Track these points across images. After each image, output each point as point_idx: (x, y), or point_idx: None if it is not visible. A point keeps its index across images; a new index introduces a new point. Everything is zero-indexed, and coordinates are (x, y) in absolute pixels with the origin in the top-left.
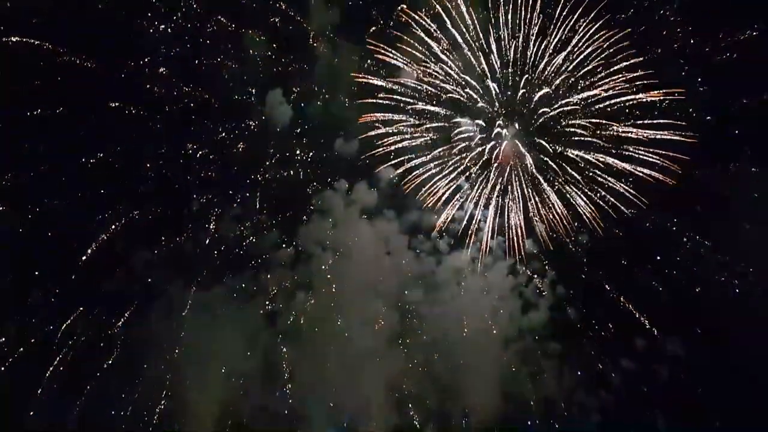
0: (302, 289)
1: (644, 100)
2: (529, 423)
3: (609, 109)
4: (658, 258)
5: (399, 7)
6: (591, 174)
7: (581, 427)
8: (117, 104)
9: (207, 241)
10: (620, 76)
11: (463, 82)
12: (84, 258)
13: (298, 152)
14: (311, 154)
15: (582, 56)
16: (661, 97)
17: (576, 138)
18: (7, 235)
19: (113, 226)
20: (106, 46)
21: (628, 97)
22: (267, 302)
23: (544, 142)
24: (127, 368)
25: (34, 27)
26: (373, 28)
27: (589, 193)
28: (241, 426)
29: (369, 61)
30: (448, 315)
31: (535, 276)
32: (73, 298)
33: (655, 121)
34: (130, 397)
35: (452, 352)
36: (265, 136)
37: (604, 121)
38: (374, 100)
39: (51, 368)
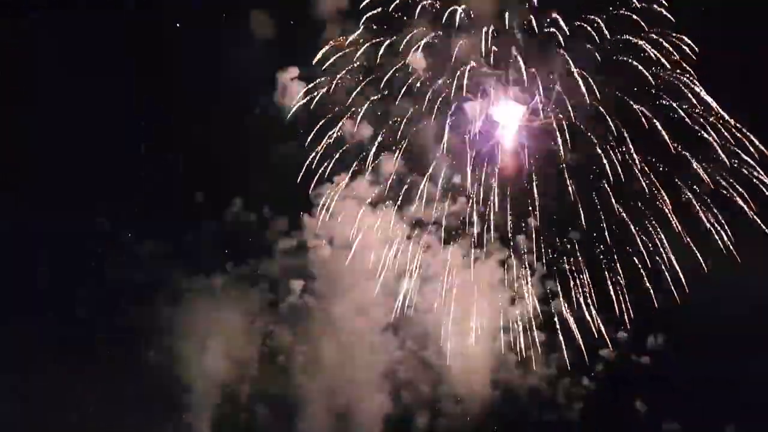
0: (301, 277)
1: None
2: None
3: None
4: None
5: None
6: None
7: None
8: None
9: (210, 229)
10: None
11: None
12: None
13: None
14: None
15: None
16: None
17: None
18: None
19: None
20: None
21: None
22: (268, 289)
23: None
24: (128, 355)
25: None
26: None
27: None
28: (240, 410)
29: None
30: (440, 305)
31: (525, 268)
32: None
33: None
34: (132, 385)
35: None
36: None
37: None
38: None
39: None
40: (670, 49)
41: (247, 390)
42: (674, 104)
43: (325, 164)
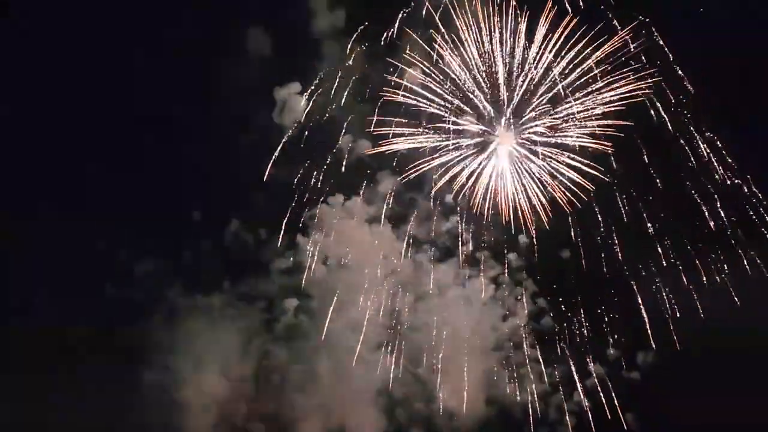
0: (297, 295)
1: None
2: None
3: None
4: None
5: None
6: None
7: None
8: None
9: (207, 248)
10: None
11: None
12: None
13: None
14: (314, 156)
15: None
16: None
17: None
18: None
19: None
20: None
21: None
22: (263, 308)
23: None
24: (126, 373)
25: None
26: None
27: None
28: (236, 428)
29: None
30: (434, 322)
31: (517, 286)
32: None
33: None
34: (128, 403)
35: (437, 357)
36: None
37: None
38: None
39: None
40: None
41: (244, 408)
42: None
43: (321, 183)
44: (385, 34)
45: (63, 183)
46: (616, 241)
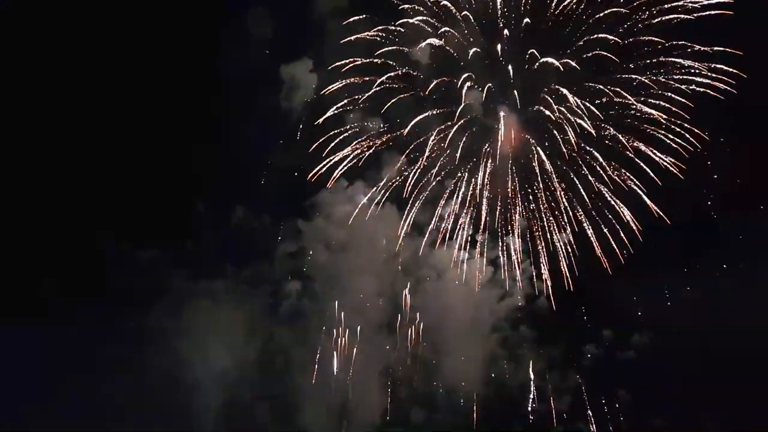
0: (301, 279)
1: None
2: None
3: None
4: None
5: None
6: None
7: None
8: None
9: (211, 236)
10: None
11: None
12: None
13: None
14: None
15: None
16: None
17: None
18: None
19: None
20: None
21: None
22: (268, 292)
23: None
24: (133, 358)
25: None
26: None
27: None
28: (242, 409)
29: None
30: (435, 304)
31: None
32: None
33: None
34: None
35: (438, 339)
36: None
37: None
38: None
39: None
40: None
41: (249, 389)
42: None
43: (324, 168)
44: None
45: (67, 171)
46: None
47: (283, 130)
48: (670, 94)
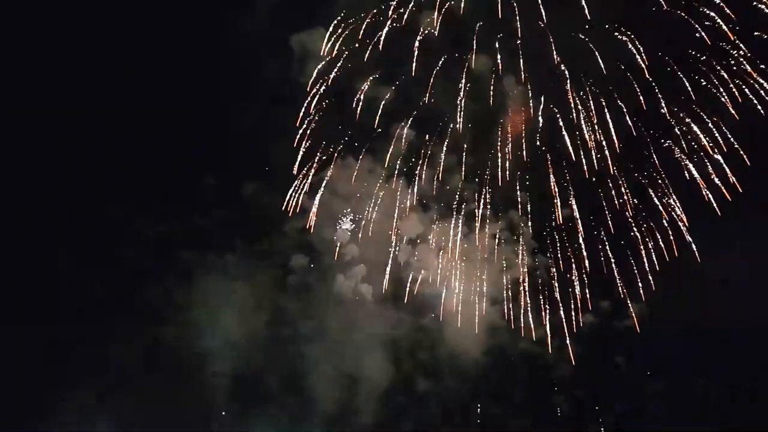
0: (308, 253)
1: None
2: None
3: None
4: None
5: None
6: None
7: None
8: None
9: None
10: None
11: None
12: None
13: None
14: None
15: None
16: None
17: None
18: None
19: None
20: None
21: None
22: (277, 266)
23: None
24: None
25: None
26: None
27: None
28: (252, 379)
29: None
30: (437, 275)
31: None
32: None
33: None
34: (147, 359)
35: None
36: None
37: None
38: None
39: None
40: None
41: (259, 360)
42: None
43: (332, 146)
44: None
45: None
46: None
47: (293, 102)
48: None
